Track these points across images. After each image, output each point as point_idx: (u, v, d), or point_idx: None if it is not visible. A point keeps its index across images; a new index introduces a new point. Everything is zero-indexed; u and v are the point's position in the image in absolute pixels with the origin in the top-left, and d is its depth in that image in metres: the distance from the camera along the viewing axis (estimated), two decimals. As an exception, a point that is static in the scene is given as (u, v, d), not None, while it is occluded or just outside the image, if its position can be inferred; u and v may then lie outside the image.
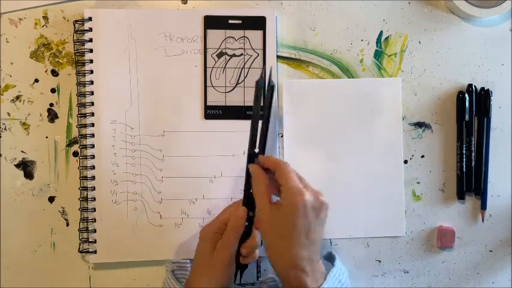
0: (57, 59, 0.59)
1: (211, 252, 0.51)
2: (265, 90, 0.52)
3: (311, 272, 0.48)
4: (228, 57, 0.59)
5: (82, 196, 0.58)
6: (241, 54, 0.59)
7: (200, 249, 0.52)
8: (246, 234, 0.52)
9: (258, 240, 0.53)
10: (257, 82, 0.52)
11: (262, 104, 0.52)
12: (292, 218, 0.47)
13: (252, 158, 0.52)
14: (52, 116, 0.59)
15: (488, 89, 0.59)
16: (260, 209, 0.49)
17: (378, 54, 0.59)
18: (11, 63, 0.59)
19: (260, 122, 0.52)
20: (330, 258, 0.56)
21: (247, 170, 0.52)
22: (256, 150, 0.52)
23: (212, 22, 0.58)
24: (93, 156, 0.58)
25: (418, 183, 0.60)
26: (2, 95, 0.59)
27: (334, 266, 0.52)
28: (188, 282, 0.52)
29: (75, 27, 0.58)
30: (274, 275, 0.55)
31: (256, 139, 0.52)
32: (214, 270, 0.50)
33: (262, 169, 0.51)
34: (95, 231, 0.58)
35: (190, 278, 0.52)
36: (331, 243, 0.59)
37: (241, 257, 0.52)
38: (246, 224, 0.52)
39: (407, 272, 0.60)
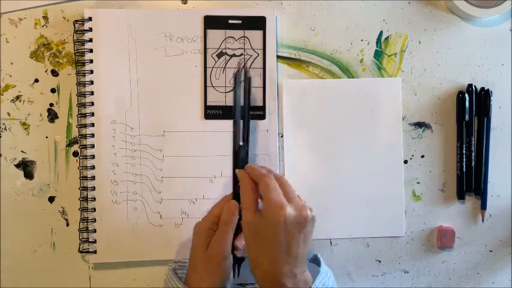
0: (57, 59, 0.59)
1: (205, 247, 0.51)
2: (246, 83, 0.54)
3: (293, 285, 0.46)
4: (228, 57, 0.59)
5: (82, 196, 0.58)
6: (241, 54, 0.59)
7: (195, 245, 0.52)
8: (239, 226, 0.52)
9: None
10: (235, 75, 0.53)
11: (243, 98, 0.53)
12: (273, 233, 0.46)
13: (238, 152, 0.53)
14: (52, 116, 0.59)
15: (488, 89, 0.59)
16: (244, 219, 0.48)
17: (378, 54, 0.59)
18: (11, 63, 0.59)
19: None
20: (316, 261, 0.55)
21: (234, 166, 0.53)
22: (241, 143, 0.53)
23: (212, 22, 0.58)
24: (93, 156, 0.58)
25: (418, 183, 0.60)
26: (2, 95, 0.59)
27: (320, 274, 0.51)
28: (186, 279, 0.52)
29: (75, 27, 0.58)
30: None
31: (240, 133, 0.53)
32: (209, 265, 0.50)
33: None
34: (95, 231, 0.58)
35: (188, 275, 0.52)
36: (331, 243, 0.59)
37: (235, 250, 0.52)
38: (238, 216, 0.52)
39: (407, 272, 0.60)
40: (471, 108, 0.58)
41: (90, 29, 0.58)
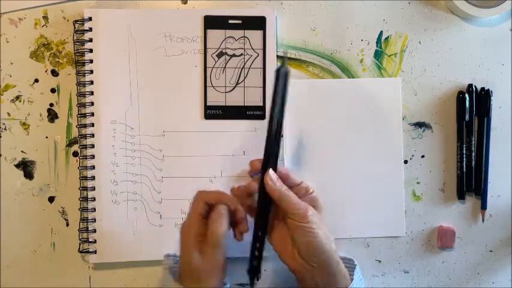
0: (57, 59, 0.59)
1: (197, 258, 0.49)
2: (285, 80, 0.48)
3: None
4: (228, 57, 0.59)
5: (82, 196, 0.58)
6: (241, 54, 0.59)
7: (184, 252, 0.50)
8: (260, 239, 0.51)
9: None
10: (277, 70, 0.48)
11: (282, 95, 0.48)
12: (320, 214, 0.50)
13: (269, 159, 0.49)
14: (52, 116, 0.59)
15: (488, 89, 0.59)
16: (306, 206, 0.49)
17: (378, 54, 0.59)
18: (11, 63, 0.59)
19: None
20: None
21: (264, 167, 0.49)
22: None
23: (212, 22, 0.58)
24: (93, 156, 0.58)
25: (418, 183, 0.60)
26: (2, 95, 0.59)
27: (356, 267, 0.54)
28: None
29: (75, 27, 0.58)
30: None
31: (277, 138, 0.49)
32: (205, 250, 0.48)
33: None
34: (95, 231, 0.58)
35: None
36: (331, 243, 0.59)
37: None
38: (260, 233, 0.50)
39: (407, 272, 0.60)
40: (471, 108, 0.58)
41: (90, 29, 0.58)
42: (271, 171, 0.49)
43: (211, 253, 0.48)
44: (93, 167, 0.58)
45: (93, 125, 0.58)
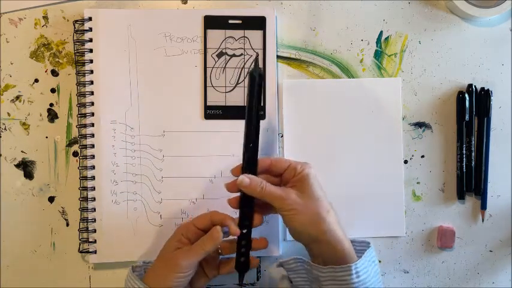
0: (57, 59, 0.59)
1: (173, 249, 0.51)
2: (262, 82, 0.50)
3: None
4: (228, 57, 0.59)
5: (82, 196, 0.58)
6: (241, 54, 0.59)
7: (166, 242, 0.53)
8: (246, 247, 0.52)
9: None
10: (251, 73, 0.49)
11: (257, 96, 0.50)
12: (315, 186, 0.50)
13: (248, 153, 0.50)
14: (52, 116, 0.59)
15: (488, 89, 0.59)
16: (283, 197, 0.49)
17: (378, 54, 0.59)
18: (11, 63, 0.59)
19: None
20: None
21: (243, 168, 0.50)
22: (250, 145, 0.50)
23: (212, 22, 0.58)
24: (93, 156, 0.58)
25: (418, 183, 0.60)
26: (2, 95, 0.59)
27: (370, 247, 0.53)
28: (148, 270, 0.52)
29: (75, 27, 0.58)
30: (296, 256, 0.54)
31: (253, 135, 0.50)
32: (167, 267, 0.50)
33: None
34: (95, 231, 0.58)
35: (151, 266, 0.53)
36: (331, 243, 0.59)
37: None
38: (245, 231, 0.51)
39: (408, 272, 0.60)
40: (471, 108, 0.58)
41: (90, 29, 0.58)
42: (241, 178, 0.49)
43: (185, 254, 0.50)
44: (93, 167, 0.58)
45: (93, 125, 0.58)
